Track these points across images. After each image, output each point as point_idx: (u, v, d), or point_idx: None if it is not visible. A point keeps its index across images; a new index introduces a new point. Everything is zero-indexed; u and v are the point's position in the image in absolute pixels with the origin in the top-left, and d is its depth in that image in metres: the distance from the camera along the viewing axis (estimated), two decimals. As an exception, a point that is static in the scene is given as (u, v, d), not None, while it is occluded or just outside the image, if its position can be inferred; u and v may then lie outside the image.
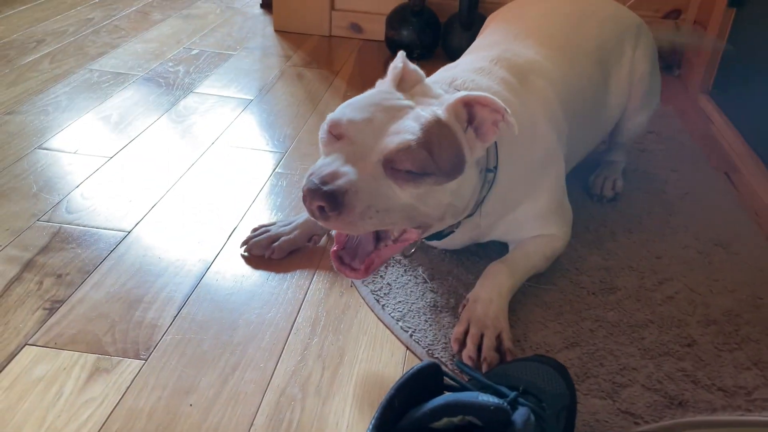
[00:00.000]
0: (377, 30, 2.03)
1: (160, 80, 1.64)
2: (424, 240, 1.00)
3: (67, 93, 1.53)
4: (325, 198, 0.70)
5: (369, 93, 0.82)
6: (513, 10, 1.22)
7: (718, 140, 1.49)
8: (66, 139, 1.33)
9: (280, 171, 1.27)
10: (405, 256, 1.01)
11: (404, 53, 0.85)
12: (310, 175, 0.73)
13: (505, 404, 0.53)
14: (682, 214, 1.19)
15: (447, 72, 0.94)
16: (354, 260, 0.80)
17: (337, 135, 0.77)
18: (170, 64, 1.75)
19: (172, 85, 1.62)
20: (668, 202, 1.24)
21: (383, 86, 0.83)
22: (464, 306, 0.89)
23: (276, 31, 2.07)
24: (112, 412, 0.74)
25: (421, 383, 0.58)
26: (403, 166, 0.73)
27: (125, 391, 0.76)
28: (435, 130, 0.76)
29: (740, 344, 0.89)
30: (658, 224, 1.16)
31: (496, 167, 0.87)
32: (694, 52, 1.78)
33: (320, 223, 0.74)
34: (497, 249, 1.04)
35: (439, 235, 0.91)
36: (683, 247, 1.10)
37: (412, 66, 0.85)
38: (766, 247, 1.11)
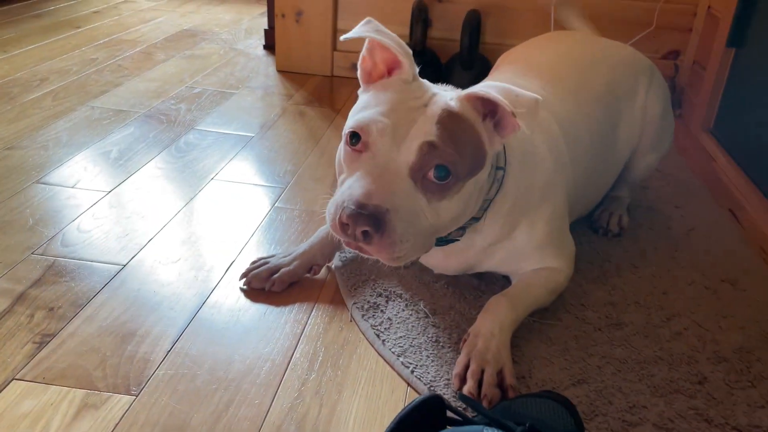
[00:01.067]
0: (378, 70, 2.05)
1: (162, 117, 1.65)
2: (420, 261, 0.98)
3: (67, 129, 1.53)
4: (369, 221, 0.71)
5: (393, 95, 0.80)
6: (526, 51, 1.23)
7: (721, 178, 1.48)
8: (64, 173, 1.32)
9: (279, 206, 1.25)
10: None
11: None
12: (341, 203, 0.73)
13: (512, 438, 0.50)
14: (687, 250, 1.17)
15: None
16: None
17: (359, 149, 0.77)
18: (172, 101, 1.76)
19: (173, 122, 1.63)
20: (673, 238, 1.22)
21: (403, 74, 0.82)
22: (465, 341, 0.86)
23: (278, 71, 2.09)
24: (99, 449, 0.71)
25: (423, 416, 0.55)
26: (432, 163, 0.74)
27: (114, 429, 0.73)
28: (451, 124, 0.77)
29: (753, 382, 0.86)
30: (663, 260, 1.14)
31: (504, 168, 0.88)
32: (695, 91, 1.78)
33: (363, 247, 0.74)
34: (500, 283, 1.01)
35: (443, 239, 0.90)
36: (690, 283, 1.08)
37: None
38: (775, 283, 1.09)
